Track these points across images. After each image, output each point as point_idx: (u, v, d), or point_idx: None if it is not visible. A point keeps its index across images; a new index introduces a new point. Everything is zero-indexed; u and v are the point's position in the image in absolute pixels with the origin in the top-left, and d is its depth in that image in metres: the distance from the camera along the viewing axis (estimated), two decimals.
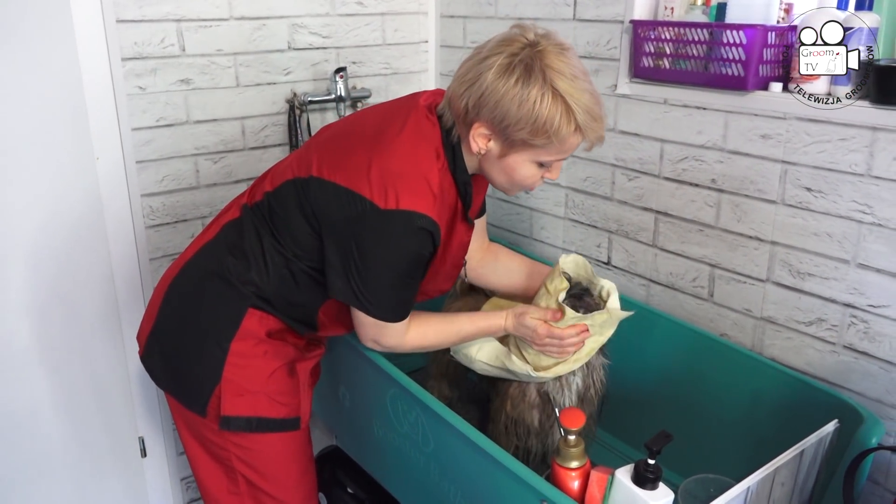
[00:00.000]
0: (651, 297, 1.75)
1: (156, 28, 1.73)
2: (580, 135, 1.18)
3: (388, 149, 1.22)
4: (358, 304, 1.25)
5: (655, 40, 1.57)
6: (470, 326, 1.40)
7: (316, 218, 1.25)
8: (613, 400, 1.69)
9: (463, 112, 1.20)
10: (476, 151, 1.22)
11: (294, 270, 1.31)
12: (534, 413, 1.49)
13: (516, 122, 1.15)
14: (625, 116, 1.70)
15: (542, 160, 1.21)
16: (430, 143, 1.24)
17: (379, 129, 1.26)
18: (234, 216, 1.37)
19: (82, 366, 1.83)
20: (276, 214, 1.31)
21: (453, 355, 1.51)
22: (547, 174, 1.26)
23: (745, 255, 1.52)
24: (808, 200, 1.40)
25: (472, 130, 1.20)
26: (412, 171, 1.20)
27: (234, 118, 1.90)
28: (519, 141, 1.18)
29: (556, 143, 1.17)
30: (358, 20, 2.05)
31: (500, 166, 1.24)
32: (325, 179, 1.24)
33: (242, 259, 1.31)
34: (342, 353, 1.62)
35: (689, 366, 1.59)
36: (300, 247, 1.29)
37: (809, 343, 1.45)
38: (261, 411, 1.32)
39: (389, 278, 1.23)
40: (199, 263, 1.36)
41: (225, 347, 1.29)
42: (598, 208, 1.82)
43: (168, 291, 1.37)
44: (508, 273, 1.57)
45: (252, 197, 1.37)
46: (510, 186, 1.28)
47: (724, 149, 1.52)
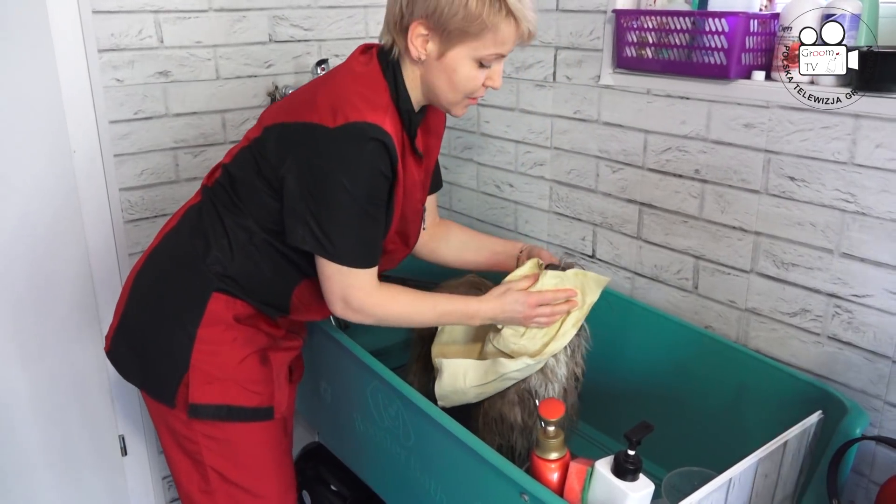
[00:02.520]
0: (636, 290, 1.73)
1: (133, 19, 1.71)
2: (513, 21, 1.18)
3: (332, 81, 1.25)
4: (319, 248, 1.20)
5: (638, 30, 1.55)
6: (447, 303, 1.36)
7: (275, 172, 1.23)
8: (598, 393, 1.68)
9: (399, 16, 1.21)
10: (416, 57, 1.22)
11: (258, 245, 1.28)
12: (515, 410, 1.47)
13: (449, 8, 1.16)
14: (608, 107, 1.68)
15: (480, 55, 1.20)
16: (370, 71, 1.25)
17: (322, 78, 1.31)
18: (194, 201, 1.35)
19: (60, 363, 1.81)
20: (236, 183, 1.29)
21: (443, 403, 1.44)
22: (488, 80, 1.25)
23: (730, 246, 1.51)
24: (792, 190, 1.38)
25: (410, 34, 1.20)
26: (358, 91, 1.21)
27: (215, 111, 1.88)
28: (455, 31, 1.18)
29: (490, 31, 1.18)
30: (340, 12, 2.03)
31: (440, 69, 1.23)
32: (277, 124, 1.25)
33: (203, 240, 1.29)
34: (322, 346, 1.60)
35: (674, 358, 1.58)
36: (264, 212, 1.26)
37: (794, 334, 1.44)
38: (231, 399, 1.29)
39: (350, 208, 1.18)
40: (162, 251, 1.34)
41: (192, 334, 1.27)
42: (582, 201, 1.81)
43: (133, 284, 1.35)
44: (461, 246, 1.57)
45: (211, 177, 1.36)
46: (454, 94, 1.26)
47: (707, 139, 1.50)
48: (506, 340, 1.40)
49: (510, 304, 1.35)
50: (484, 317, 1.36)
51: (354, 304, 1.25)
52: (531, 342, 1.39)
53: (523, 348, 1.39)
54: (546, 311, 1.35)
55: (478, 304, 1.36)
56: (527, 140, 1.91)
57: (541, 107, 1.85)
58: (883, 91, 1.22)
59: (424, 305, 1.34)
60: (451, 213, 2.23)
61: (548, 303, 1.35)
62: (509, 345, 1.40)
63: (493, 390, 1.46)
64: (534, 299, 1.35)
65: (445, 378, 1.44)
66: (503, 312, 1.36)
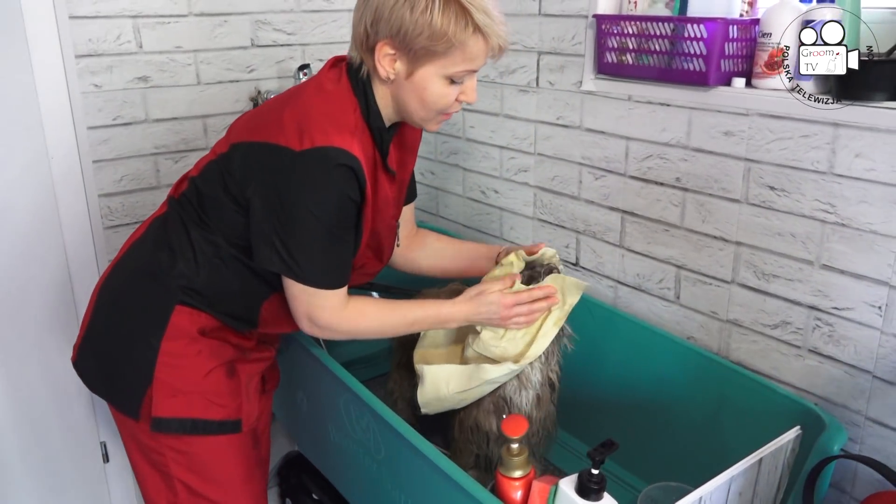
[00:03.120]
0: (619, 300, 1.70)
1: (111, 24, 1.70)
2: (481, 38, 1.15)
3: (299, 98, 1.21)
4: (285, 269, 1.18)
5: (619, 35, 1.53)
6: (418, 310, 1.33)
7: (241, 190, 1.21)
8: (579, 401, 1.66)
9: (364, 37, 1.18)
10: (385, 77, 1.19)
11: (225, 258, 1.26)
12: (491, 419, 1.45)
13: (413, 28, 1.12)
14: (590, 113, 1.66)
15: (450, 73, 1.17)
16: (339, 89, 1.22)
17: (289, 92, 1.28)
18: (160, 212, 1.34)
19: (39, 370, 1.79)
20: (203, 197, 1.27)
21: (426, 410, 1.43)
22: (462, 95, 1.22)
23: (711, 255, 1.48)
24: (772, 199, 1.35)
25: (377, 54, 1.18)
26: (325, 111, 1.18)
27: (196, 116, 1.86)
28: (421, 51, 1.15)
29: (458, 48, 1.14)
30: (324, 16, 2.01)
31: (410, 89, 1.20)
32: (244, 142, 1.22)
33: (169, 253, 1.27)
34: (298, 357, 1.58)
35: (656, 369, 1.56)
36: (230, 227, 1.25)
37: (775, 346, 1.41)
38: (196, 412, 1.28)
39: (317, 232, 1.16)
40: (127, 263, 1.33)
41: (155, 346, 1.25)
42: (565, 208, 1.78)
43: (99, 294, 1.34)
44: (437, 254, 1.55)
45: (177, 189, 1.34)
46: (426, 112, 1.23)
47: (688, 146, 1.47)
48: (485, 344, 1.37)
49: (484, 305, 1.31)
50: (458, 320, 1.34)
51: (321, 323, 1.24)
52: (512, 344, 1.36)
53: (504, 351, 1.36)
54: (524, 311, 1.31)
55: (450, 308, 1.33)
56: (511, 146, 1.89)
57: (524, 112, 1.83)
58: (862, 99, 1.19)
59: (394, 316, 1.32)
60: (438, 219, 2.21)
61: (524, 302, 1.31)
62: (490, 348, 1.37)
63: (476, 395, 1.42)
64: (509, 300, 1.30)
65: (427, 385, 1.41)
66: (477, 314, 1.32)
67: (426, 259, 1.55)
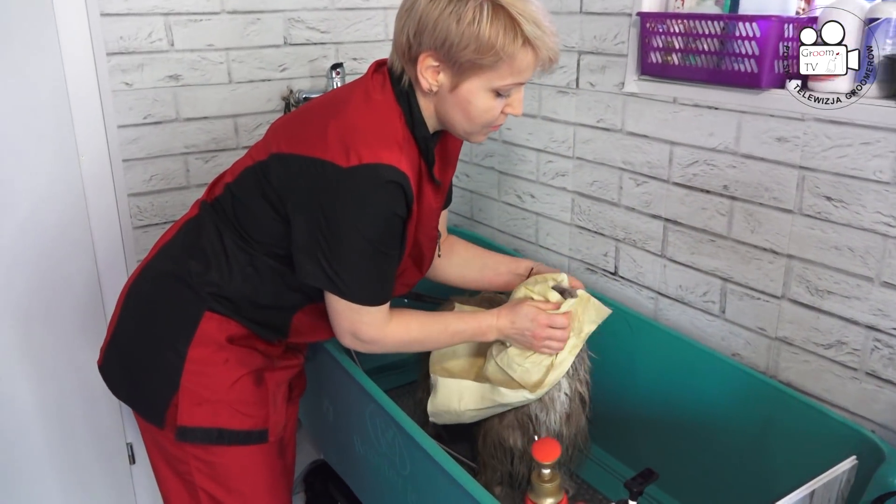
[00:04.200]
0: (659, 312, 1.62)
1: (142, 22, 1.67)
2: (531, 50, 1.09)
3: (343, 109, 1.15)
4: (330, 286, 1.15)
5: (664, 34, 1.45)
6: (458, 322, 1.31)
7: (280, 199, 1.17)
8: (615, 417, 1.59)
9: (406, 47, 1.12)
10: (427, 89, 1.14)
11: (260, 267, 1.22)
12: (515, 435, 1.39)
13: (459, 40, 1.06)
14: (632, 116, 1.58)
15: (497, 86, 1.11)
16: (385, 98, 1.16)
17: (332, 99, 1.21)
18: (192, 214, 1.30)
19: (67, 371, 1.78)
20: (239, 204, 1.23)
21: (435, 420, 1.41)
22: (508, 108, 1.17)
23: (760, 268, 1.39)
24: (828, 210, 1.26)
25: (419, 65, 1.12)
26: (371, 124, 1.13)
27: (227, 116, 1.84)
28: (467, 64, 1.09)
29: (505, 61, 1.08)
30: (359, 14, 1.97)
31: (454, 102, 1.14)
32: (285, 153, 1.17)
33: (201, 258, 1.23)
34: (324, 364, 1.54)
35: (698, 387, 1.47)
36: (266, 235, 1.21)
37: (828, 367, 1.32)
38: (222, 422, 1.24)
39: (363, 249, 1.12)
40: (156, 266, 1.29)
41: (182, 353, 1.21)
42: (604, 215, 1.71)
43: (126, 297, 1.31)
44: (464, 264, 1.50)
45: (211, 193, 1.30)
46: (471, 125, 1.17)
47: (737, 152, 1.39)
48: (510, 360, 1.33)
49: (520, 319, 1.28)
50: (496, 332, 1.30)
51: (366, 338, 1.22)
52: (535, 368, 1.31)
53: (526, 373, 1.32)
54: (557, 335, 1.27)
55: (490, 320, 1.30)
56: (549, 149, 1.82)
57: (563, 114, 1.75)
58: None
59: (436, 328, 1.29)
60: (472, 223, 2.15)
61: (559, 327, 1.27)
62: (513, 365, 1.32)
63: (489, 414, 1.40)
64: (544, 319, 1.27)
65: (440, 397, 1.39)
66: (512, 327, 1.29)
67: (452, 268, 1.49)
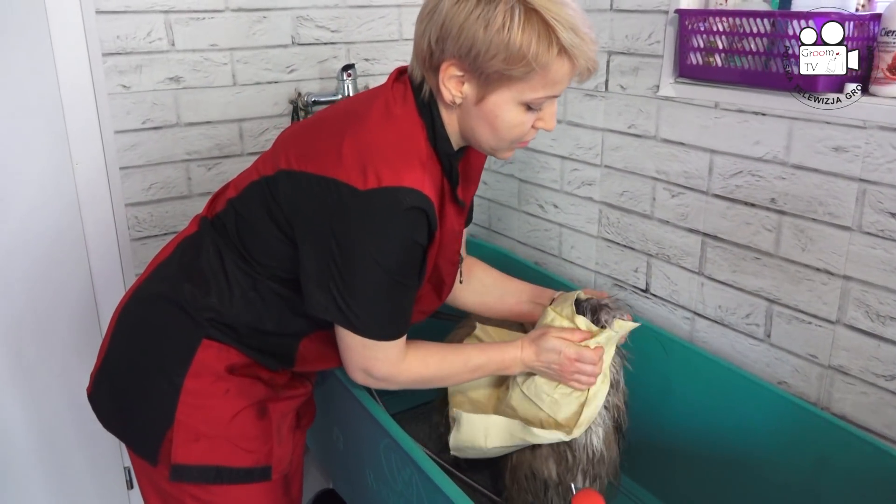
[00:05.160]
0: (696, 334, 1.50)
1: (141, 20, 1.57)
2: (567, 59, 0.98)
3: (360, 124, 1.03)
4: (342, 319, 1.04)
5: (706, 33, 1.33)
6: (480, 356, 1.21)
7: (287, 220, 1.06)
8: (647, 447, 1.48)
9: (427, 54, 1.01)
10: (450, 101, 1.03)
11: (263, 292, 1.12)
12: (549, 465, 1.28)
13: (486, 49, 0.95)
14: (668, 122, 1.46)
15: (528, 99, 1.00)
16: (406, 112, 1.05)
17: (348, 110, 1.09)
18: (190, 231, 1.18)
19: (62, 391, 1.68)
20: (242, 222, 1.12)
21: (457, 454, 1.30)
22: (539, 122, 1.05)
23: (811, 290, 1.27)
24: (892, 228, 1.14)
25: (442, 74, 1.00)
26: (391, 141, 1.01)
27: (231, 120, 1.73)
28: (494, 74, 0.98)
29: (538, 72, 0.97)
30: (371, 12, 1.86)
31: (479, 115, 1.03)
32: (294, 170, 1.05)
33: (199, 281, 1.12)
34: (334, 391, 1.42)
35: (739, 417, 1.36)
36: (271, 258, 1.10)
37: (890, 401, 1.20)
38: (221, 459, 1.13)
39: (378, 280, 1.02)
40: (150, 287, 1.18)
41: (177, 384, 1.10)
42: (635, 227, 1.59)
43: (118, 321, 1.20)
44: (483, 290, 1.39)
45: (212, 209, 1.19)
46: (498, 141, 1.06)
47: (787, 163, 1.27)
48: (538, 389, 1.23)
49: (545, 351, 1.18)
50: (521, 365, 1.21)
51: (379, 375, 1.11)
52: (565, 399, 1.22)
53: (555, 405, 1.22)
54: (587, 370, 1.17)
55: (514, 352, 1.21)
56: (574, 156, 1.70)
57: (590, 119, 1.64)
58: None
59: (456, 364, 1.20)
60: (490, 234, 2.03)
61: (588, 361, 1.17)
62: (541, 394, 1.23)
63: (516, 449, 1.30)
64: (573, 352, 1.16)
65: (463, 433, 1.28)
66: (538, 360, 1.20)
67: (471, 294, 1.39)
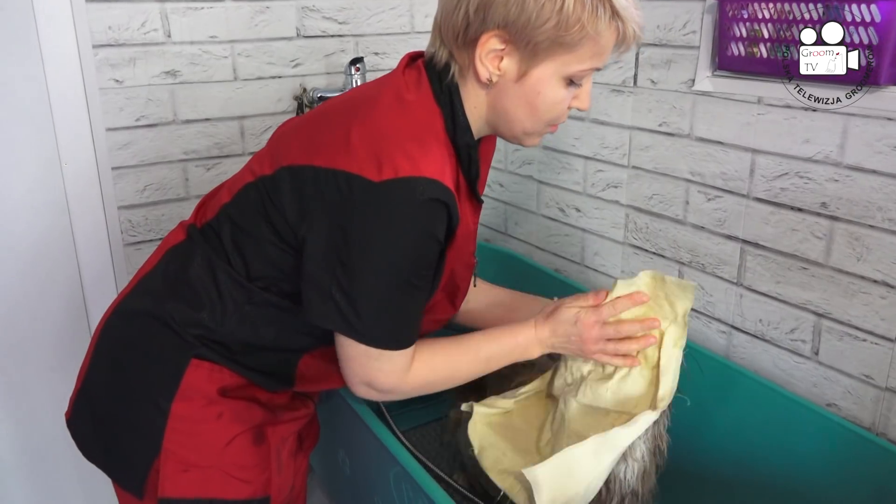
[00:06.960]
0: (733, 350, 1.39)
1: (135, 10, 1.48)
2: (616, 26, 0.93)
3: (369, 111, 0.95)
4: (344, 326, 0.94)
5: (749, 20, 1.21)
6: (491, 344, 1.10)
7: (288, 224, 0.96)
8: (681, 473, 1.36)
9: (462, 29, 0.94)
10: (486, 80, 0.95)
11: (259, 305, 1.01)
12: None
13: (537, 15, 0.89)
14: (704, 119, 1.34)
15: (573, 71, 0.95)
16: (421, 98, 0.97)
17: (355, 99, 1.01)
18: (177, 240, 1.08)
19: (50, 409, 1.58)
20: (237, 229, 1.02)
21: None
22: (575, 101, 1.00)
23: (867, 304, 1.15)
24: None
25: (479, 49, 0.93)
26: (405, 128, 0.93)
27: (232, 117, 1.64)
28: (544, 42, 0.91)
29: (590, 37, 0.92)
30: (381, 3, 1.75)
31: (518, 94, 0.96)
32: (299, 165, 0.95)
33: (188, 295, 1.01)
34: (339, 411, 1.31)
35: (782, 442, 1.25)
36: (269, 268, 1.00)
37: None
38: (214, 491, 1.02)
39: (389, 280, 0.92)
40: (133, 303, 1.07)
41: (164, 409, 1.00)
42: (666, 233, 1.47)
43: (99, 339, 1.09)
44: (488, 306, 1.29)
45: (202, 216, 1.08)
46: (534, 123, 0.99)
47: (840, 163, 1.15)
48: (592, 389, 1.11)
49: (561, 324, 1.10)
50: (539, 345, 1.12)
51: (383, 388, 1.01)
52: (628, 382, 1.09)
53: (620, 392, 1.09)
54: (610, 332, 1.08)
55: (528, 332, 1.11)
56: (599, 156, 1.59)
57: (617, 116, 1.52)
58: None
59: (466, 359, 1.09)
60: (507, 239, 1.92)
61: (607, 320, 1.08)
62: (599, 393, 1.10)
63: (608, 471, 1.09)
64: (591, 317, 1.07)
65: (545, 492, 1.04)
66: (555, 335, 1.11)
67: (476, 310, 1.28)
